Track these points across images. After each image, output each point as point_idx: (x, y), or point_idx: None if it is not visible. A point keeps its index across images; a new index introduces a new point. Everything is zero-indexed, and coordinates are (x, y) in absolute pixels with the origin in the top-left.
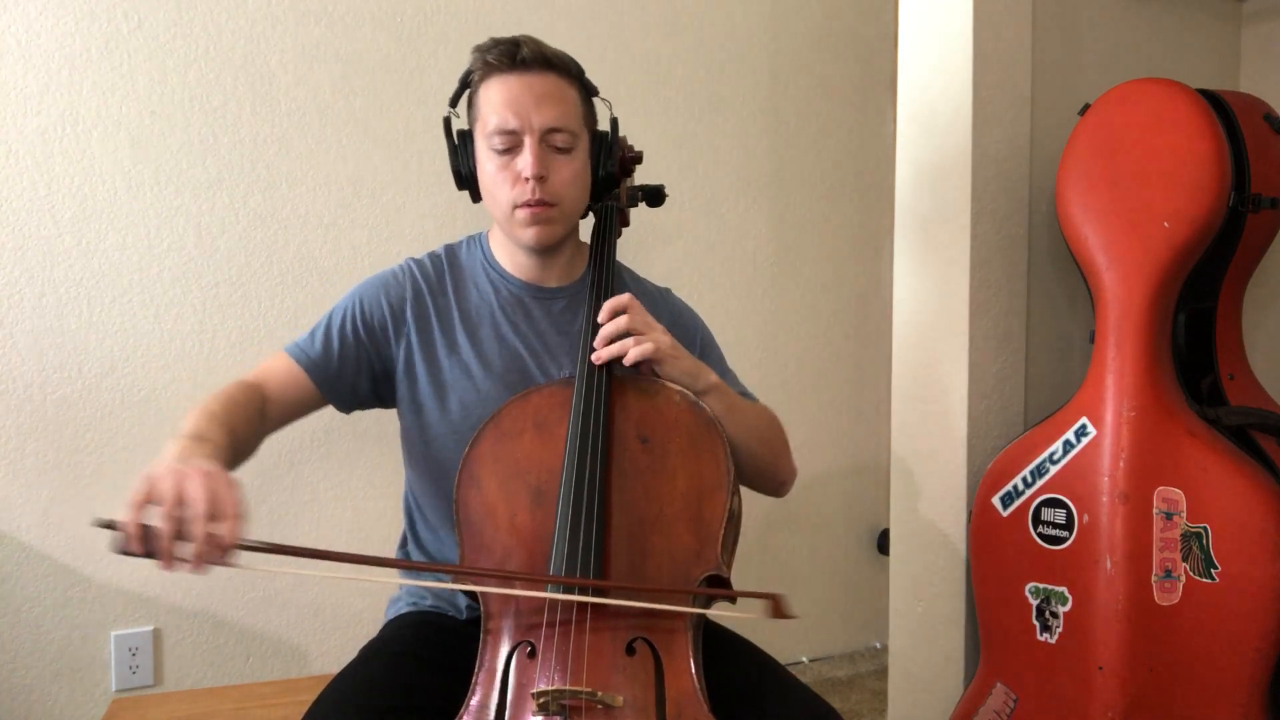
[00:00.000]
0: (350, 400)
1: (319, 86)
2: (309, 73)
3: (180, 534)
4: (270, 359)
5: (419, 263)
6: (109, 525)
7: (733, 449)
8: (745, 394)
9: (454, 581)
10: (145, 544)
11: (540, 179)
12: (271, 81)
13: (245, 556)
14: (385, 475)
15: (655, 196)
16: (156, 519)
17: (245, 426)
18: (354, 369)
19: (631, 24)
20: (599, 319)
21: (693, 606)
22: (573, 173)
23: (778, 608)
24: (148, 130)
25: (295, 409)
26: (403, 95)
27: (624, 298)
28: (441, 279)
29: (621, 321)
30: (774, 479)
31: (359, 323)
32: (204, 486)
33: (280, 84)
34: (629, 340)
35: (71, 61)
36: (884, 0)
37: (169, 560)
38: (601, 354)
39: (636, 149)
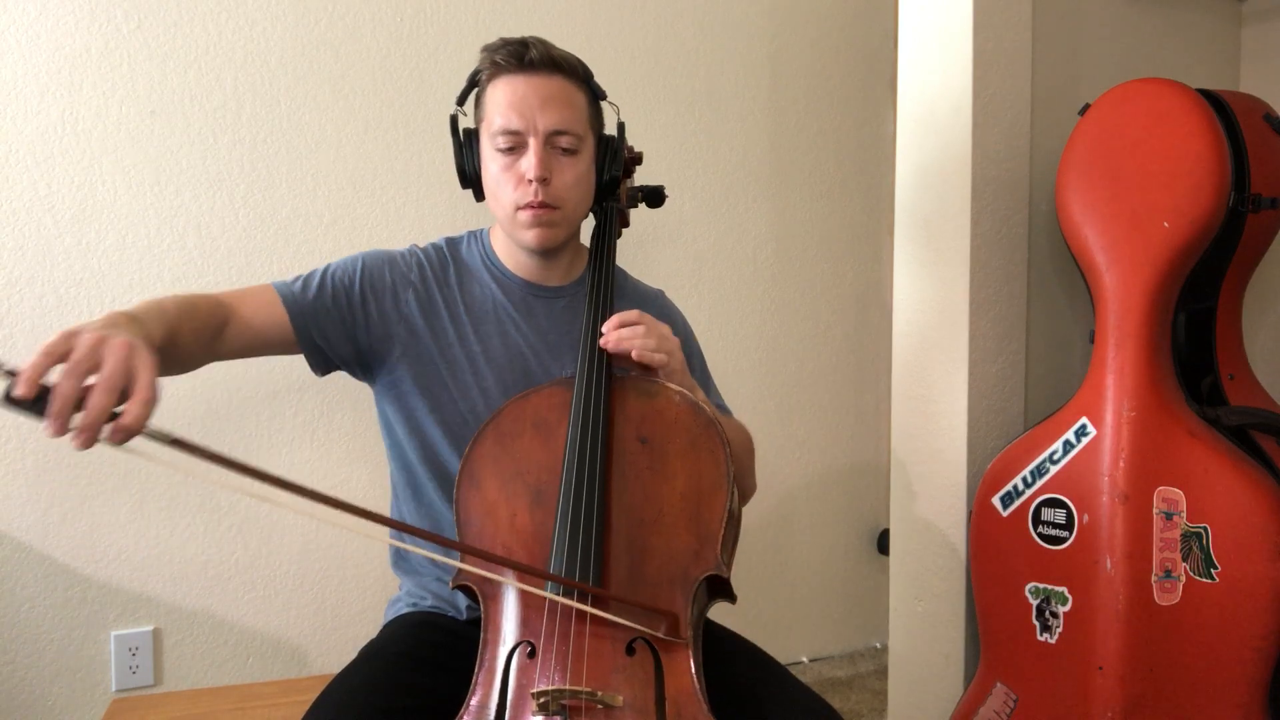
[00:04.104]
0: (320, 354)
1: (319, 86)
2: (309, 72)
3: (81, 399)
4: (252, 286)
5: (424, 251)
6: (9, 372)
7: None
8: (722, 407)
9: (438, 551)
10: (38, 398)
11: (543, 181)
12: (271, 81)
13: (139, 443)
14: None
15: (655, 197)
16: (59, 376)
17: (191, 336)
18: (333, 324)
19: (631, 23)
20: (604, 329)
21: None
22: (576, 176)
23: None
24: (148, 130)
25: (258, 341)
26: (403, 95)
27: (634, 313)
28: (446, 270)
29: (636, 341)
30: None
31: (356, 284)
32: (120, 357)
33: (280, 83)
34: (638, 343)
35: (71, 61)
36: (884, 0)
37: (58, 424)
38: (611, 340)
39: (636, 149)
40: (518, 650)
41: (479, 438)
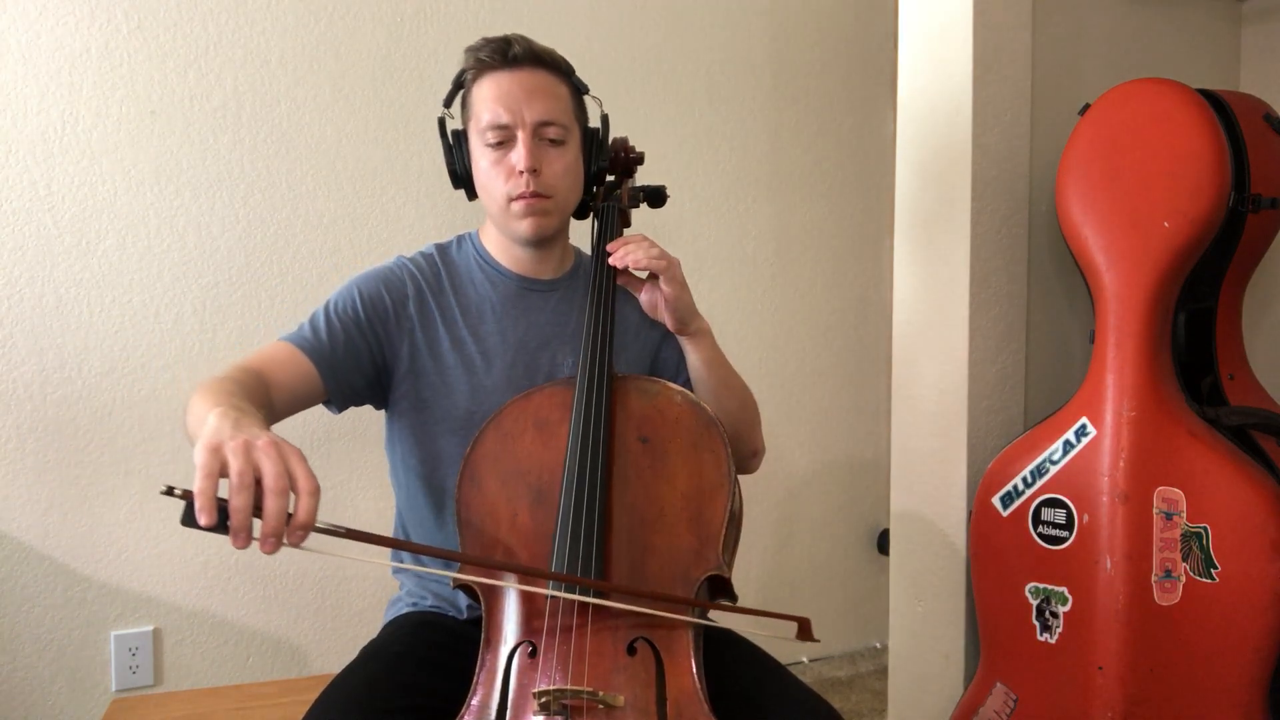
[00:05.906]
0: (347, 392)
1: (319, 86)
2: (309, 72)
3: (256, 509)
4: (268, 347)
5: (414, 260)
6: (181, 495)
7: (714, 400)
8: None
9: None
10: (218, 518)
11: (534, 171)
12: (271, 81)
13: (315, 539)
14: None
15: (656, 197)
16: (228, 492)
17: (264, 413)
18: (353, 359)
19: (632, 24)
20: (609, 248)
21: (696, 618)
22: (565, 165)
23: (805, 630)
24: (148, 130)
25: (299, 400)
26: (403, 95)
27: (636, 235)
28: (438, 276)
29: (643, 244)
30: (748, 446)
31: (360, 313)
32: (277, 459)
33: (280, 83)
34: (641, 253)
35: (71, 61)
36: (884, 0)
37: (243, 538)
38: (618, 255)
39: (638, 150)
40: (519, 650)
41: (480, 437)
